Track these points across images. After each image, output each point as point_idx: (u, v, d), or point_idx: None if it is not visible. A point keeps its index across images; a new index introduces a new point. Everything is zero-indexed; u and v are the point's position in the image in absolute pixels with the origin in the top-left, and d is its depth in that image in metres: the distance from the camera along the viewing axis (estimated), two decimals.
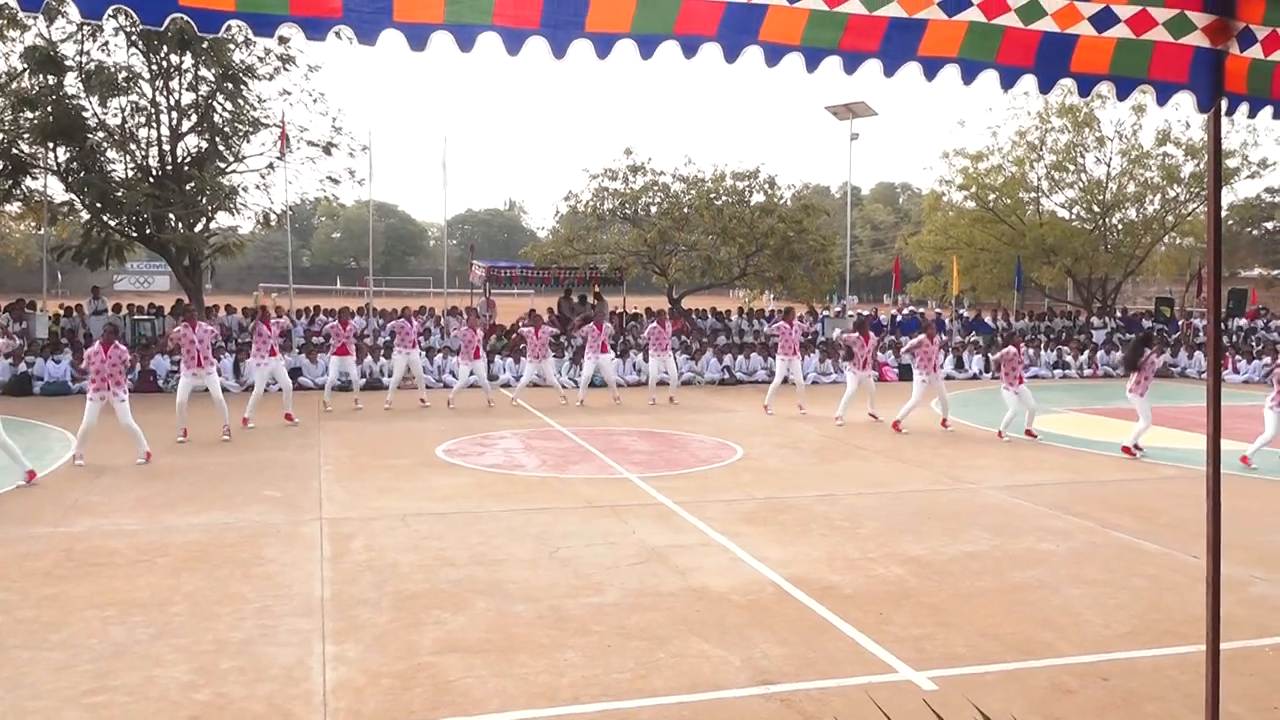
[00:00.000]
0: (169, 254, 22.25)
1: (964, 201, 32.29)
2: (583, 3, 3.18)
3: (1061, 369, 24.48)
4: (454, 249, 63.35)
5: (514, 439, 13.53)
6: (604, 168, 27.04)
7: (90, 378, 11.31)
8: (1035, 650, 5.72)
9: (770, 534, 8.33)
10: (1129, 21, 3.51)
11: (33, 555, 7.46)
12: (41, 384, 18.19)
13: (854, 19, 3.34)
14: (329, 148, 23.71)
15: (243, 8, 2.94)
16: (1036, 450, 13.12)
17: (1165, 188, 30.50)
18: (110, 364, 11.23)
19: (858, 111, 27.35)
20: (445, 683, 5.16)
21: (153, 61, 21.42)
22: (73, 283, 45.57)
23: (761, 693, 5.10)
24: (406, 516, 8.85)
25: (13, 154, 21.32)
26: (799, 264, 26.45)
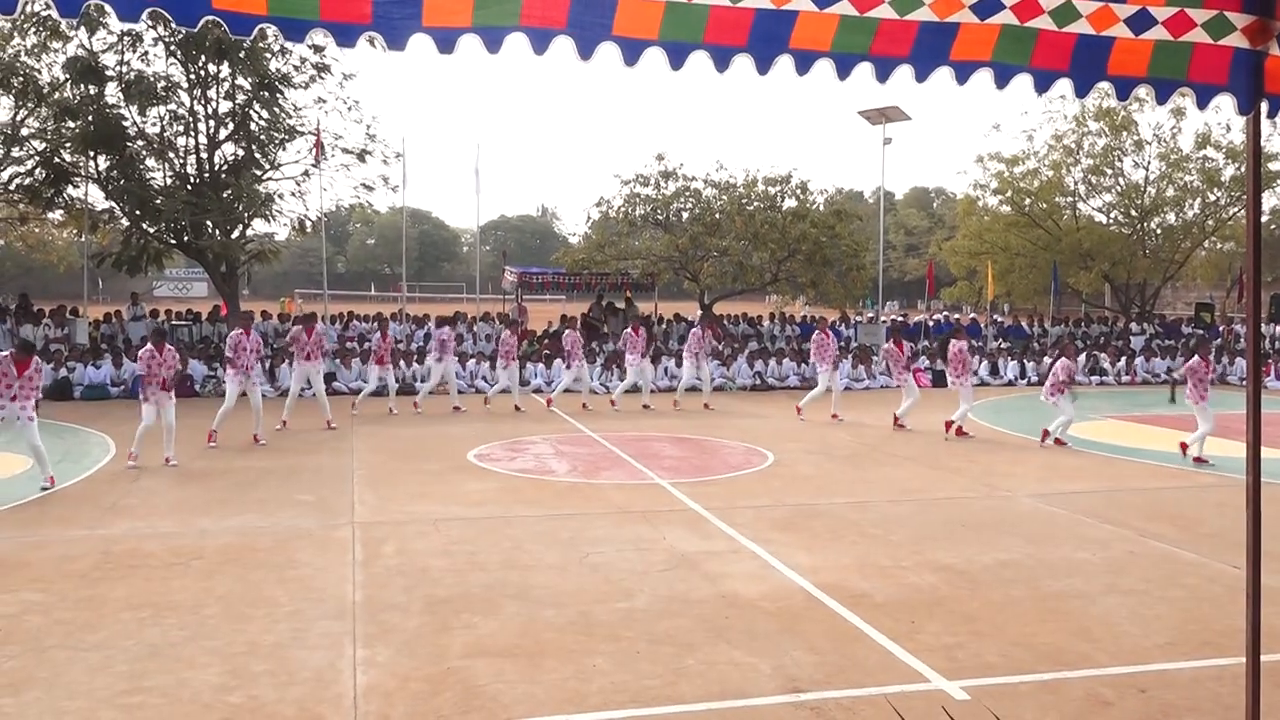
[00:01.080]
0: (206, 260, 22.56)
1: (999, 206, 31.98)
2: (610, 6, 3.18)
3: (1099, 375, 24.16)
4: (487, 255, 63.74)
5: (545, 444, 13.56)
6: (636, 173, 27.09)
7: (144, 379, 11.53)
8: (1071, 661, 5.63)
9: (801, 541, 8.28)
10: (1167, 23, 3.45)
11: (71, 557, 7.57)
12: (81, 388, 18.48)
13: (885, 24, 3.31)
14: (363, 155, 23.95)
15: (274, 11, 2.98)
16: (1073, 458, 12.95)
17: (1205, 192, 30.04)
18: (165, 365, 11.46)
19: (891, 116, 27.17)
20: (474, 687, 5.17)
21: (191, 71, 21.76)
22: (113, 289, 46.36)
23: (791, 700, 5.06)
24: (438, 521, 8.88)
25: (55, 163, 21.75)
26: (831, 269, 26.32)
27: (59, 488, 10.18)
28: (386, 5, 3.06)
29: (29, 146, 22.06)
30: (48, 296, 30.06)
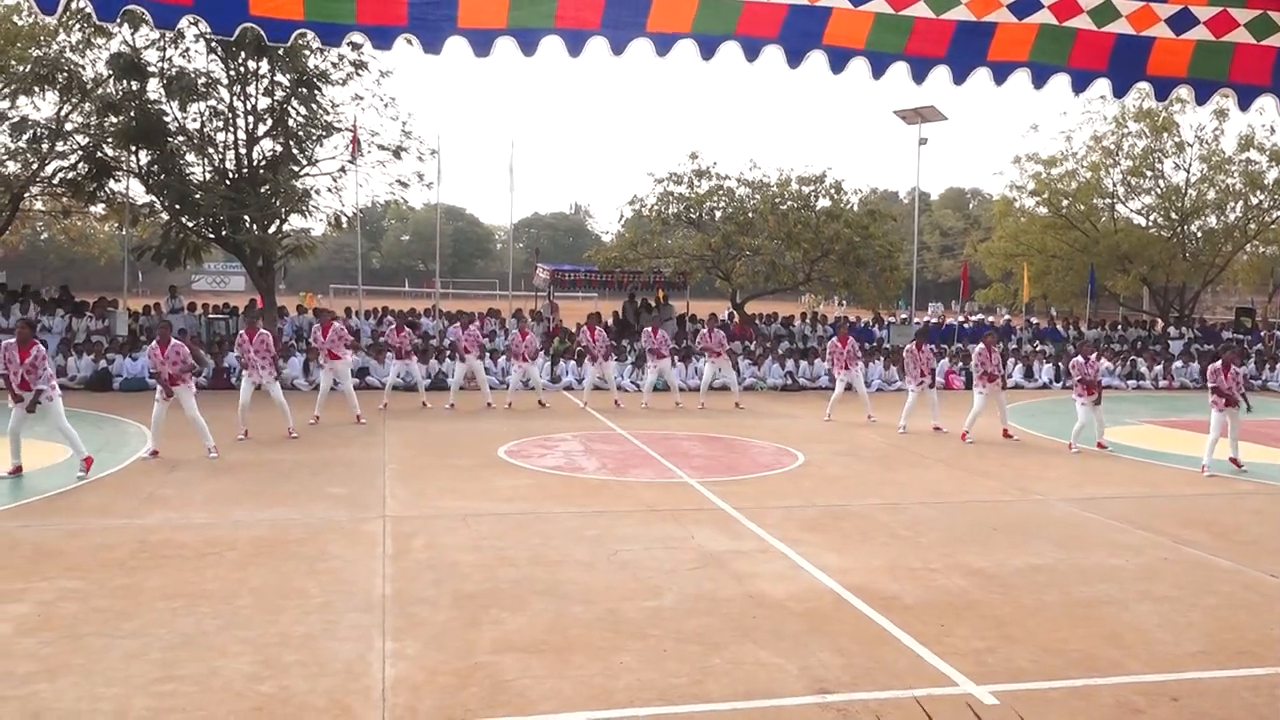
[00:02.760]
0: (244, 255, 22.81)
1: (1036, 207, 31.62)
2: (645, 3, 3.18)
3: (1136, 380, 23.85)
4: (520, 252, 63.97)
5: (575, 441, 13.59)
6: (669, 172, 27.07)
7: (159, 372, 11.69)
8: (1102, 667, 5.57)
9: (830, 542, 8.24)
10: (1209, 23, 3.40)
11: (108, 546, 7.70)
12: (120, 380, 18.77)
13: (920, 22, 3.28)
14: (399, 152, 24.09)
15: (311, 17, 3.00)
16: (1107, 462, 12.79)
17: (1248, 194, 29.53)
18: (169, 362, 11.55)
19: (927, 116, 26.98)
20: (502, 682, 5.20)
21: (231, 67, 22.00)
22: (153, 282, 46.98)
23: (818, 702, 5.05)
24: (467, 516, 8.94)
25: (97, 157, 22.08)
26: (865, 270, 26.16)
27: (97, 476, 10.36)
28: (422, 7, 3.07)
29: (72, 141, 22.42)
30: (89, 289, 30.55)
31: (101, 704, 4.84)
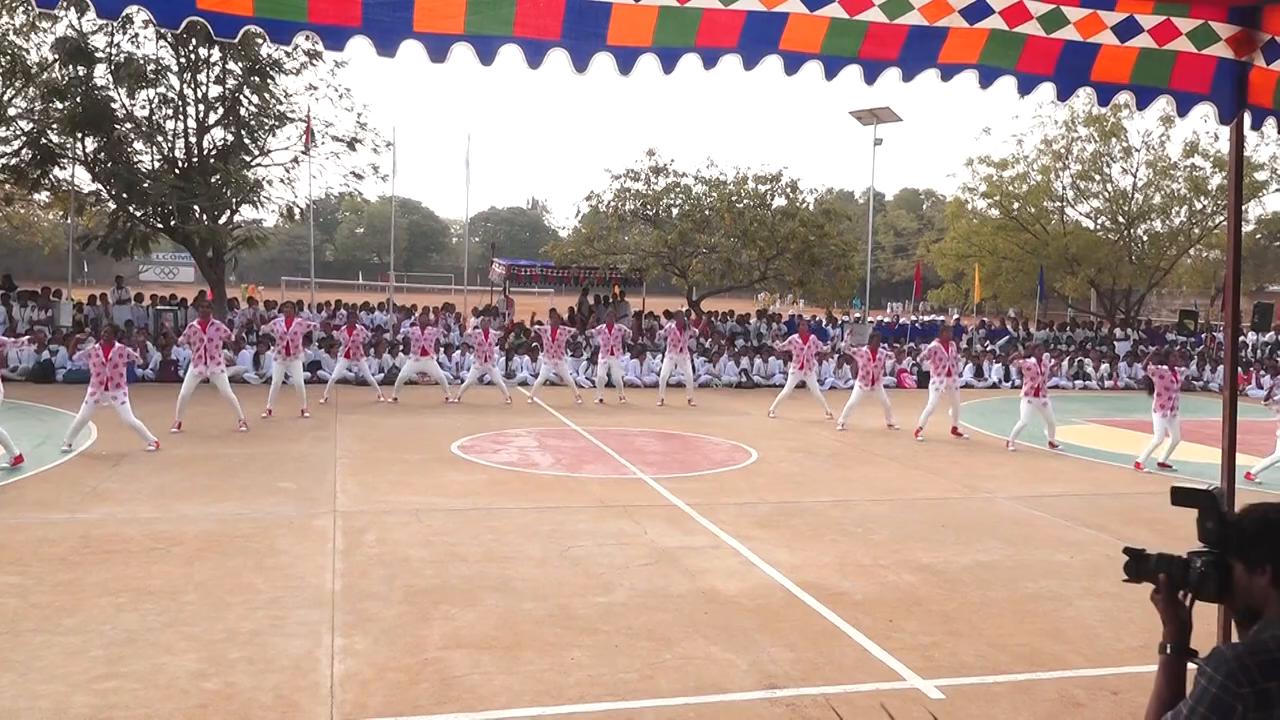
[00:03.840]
0: (193, 245, 22.44)
1: (987, 209, 32.09)
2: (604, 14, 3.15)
3: (1082, 379, 24.30)
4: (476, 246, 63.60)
5: (529, 437, 13.56)
6: (626, 168, 27.12)
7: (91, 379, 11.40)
8: (1045, 662, 5.68)
9: (782, 538, 8.31)
10: (1152, 31, 3.48)
11: (49, 541, 7.54)
12: (64, 372, 18.36)
13: (874, 27, 3.31)
14: (353, 143, 23.85)
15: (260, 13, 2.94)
16: (1054, 461, 13.03)
17: (1192, 200, 30.20)
18: (111, 365, 11.33)
19: (882, 117, 27.24)
20: (452, 678, 5.18)
21: (181, 54, 21.62)
22: (99, 272, 46.05)
23: (767, 697, 5.09)
24: (419, 511, 8.88)
25: (42, 143, 21.58)
26: (820, 269, 26.38)
27: (39, 470, 10.13)
28: (377, 8, 3.01)
29: (16, 127, 21.89)
30: (32, 278, 29.85)
31: (40, 701, 4.74)
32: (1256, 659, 1.99)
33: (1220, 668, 1.99)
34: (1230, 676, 1.97)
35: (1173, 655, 2.25)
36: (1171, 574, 2.26)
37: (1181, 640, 2.26)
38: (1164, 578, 2.27)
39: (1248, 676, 1.97)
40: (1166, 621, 2.27)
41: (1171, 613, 2.27)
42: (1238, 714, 1.96)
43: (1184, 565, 2.24)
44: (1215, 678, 1.99)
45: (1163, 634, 2.27)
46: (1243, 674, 1.97)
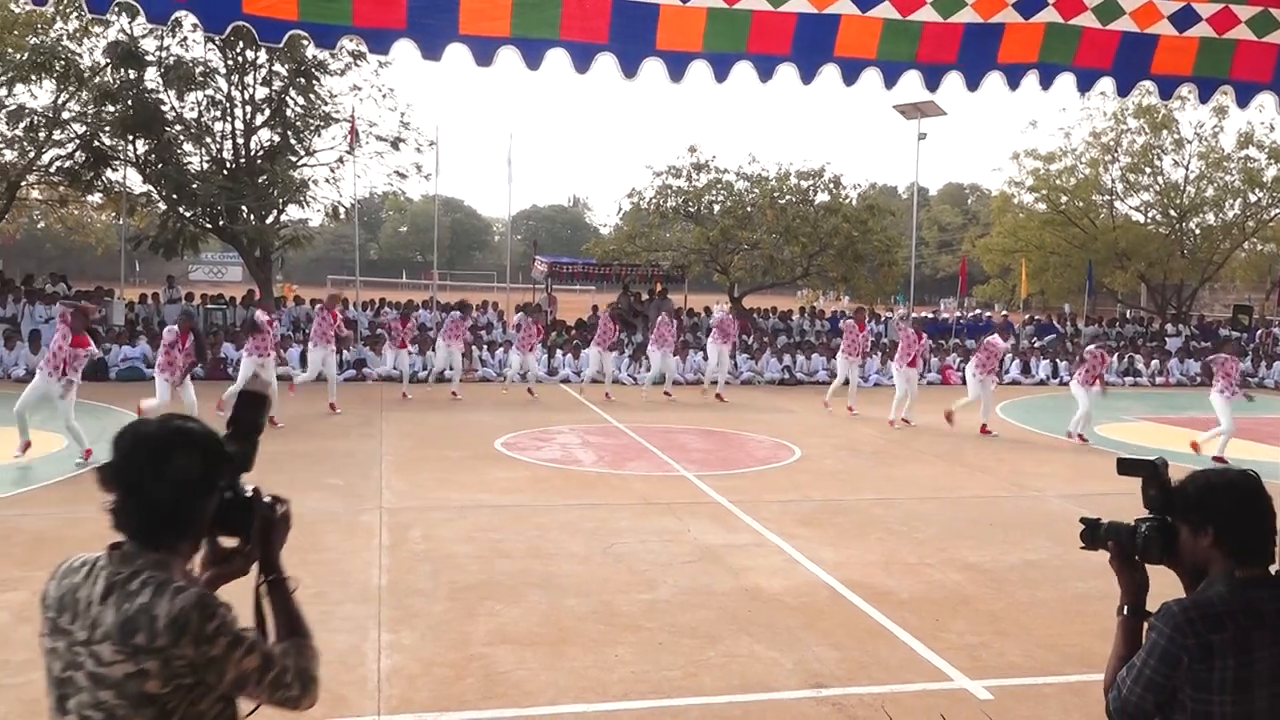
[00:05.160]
0: (241, 245, 22.77)
1: (1034, 204, 31.62)
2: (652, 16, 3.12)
3: (1133, 376, 23.87)
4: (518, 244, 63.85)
5: (572, 434, 13.59)
6: (668, 165, 27.03)
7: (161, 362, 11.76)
8: (1096, 663, 5.54)
9: (826, 536, 8.25)
10: (1211, 20, 3.39)
11: (106, 536, 7.65)
12: (117, 369, 18.73)
13: (929, 27, 3.24)
14: (397, 143, 24.04)
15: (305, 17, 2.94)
16: (1104, 458, 12.80)
17: (1246, 192, 29.54)
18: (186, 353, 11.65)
19: (926, 111, 26.89)
20: (497, 674, 5.20)
21: (229, 57, 21.93)
22: (150, 272, 46.83)
23: (812, 696, 5.06)
24: (464, 508, 8.94)
25: (95, 146, 22.00)
26: (863, 265, 26.15)
27: (96, 465, 10.33)
28: (422, 10, 2.99)
29: (69, 130, 22.34)
30: (85, 278, 30.46)
31: None
32: (1201, 613, 2.15)
33: (1168, 622, 2.15)
34: (1177, 629, 2.13)
35: (1129, 616, 2.36)
36: (1120, 540, 2.38)
37: (1137, 601, 2.35)
38: (1114, 544, 2.40)
39: (1193, 629, 2.13)
40: (1122, 585, 2.37)
41: (1126, 577, 2.37)
42: (1183, 665, 2.12)
43: (1131, 532, 2.38)
44: (1164, 631, 2.15)
45: (1120, 596, 2.38)
46: (1188, 627, 2.13)
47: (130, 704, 1.88)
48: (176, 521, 2.00)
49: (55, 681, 1.96)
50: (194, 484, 1.99)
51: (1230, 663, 2.12)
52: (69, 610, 1.95)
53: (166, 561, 1.98)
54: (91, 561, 2.01)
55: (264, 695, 2.00)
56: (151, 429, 2.01)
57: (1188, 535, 2.29)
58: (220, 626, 1.92)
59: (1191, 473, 2.37)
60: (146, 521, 1.97)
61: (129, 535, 1.99)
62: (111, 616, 1.89)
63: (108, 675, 1.88)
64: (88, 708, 1.90)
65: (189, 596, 1.90)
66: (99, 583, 1.94)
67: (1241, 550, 2.22)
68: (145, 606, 1.88)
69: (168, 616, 1.86)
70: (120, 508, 1.98)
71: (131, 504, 1.97)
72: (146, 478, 1.96)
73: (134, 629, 1.87)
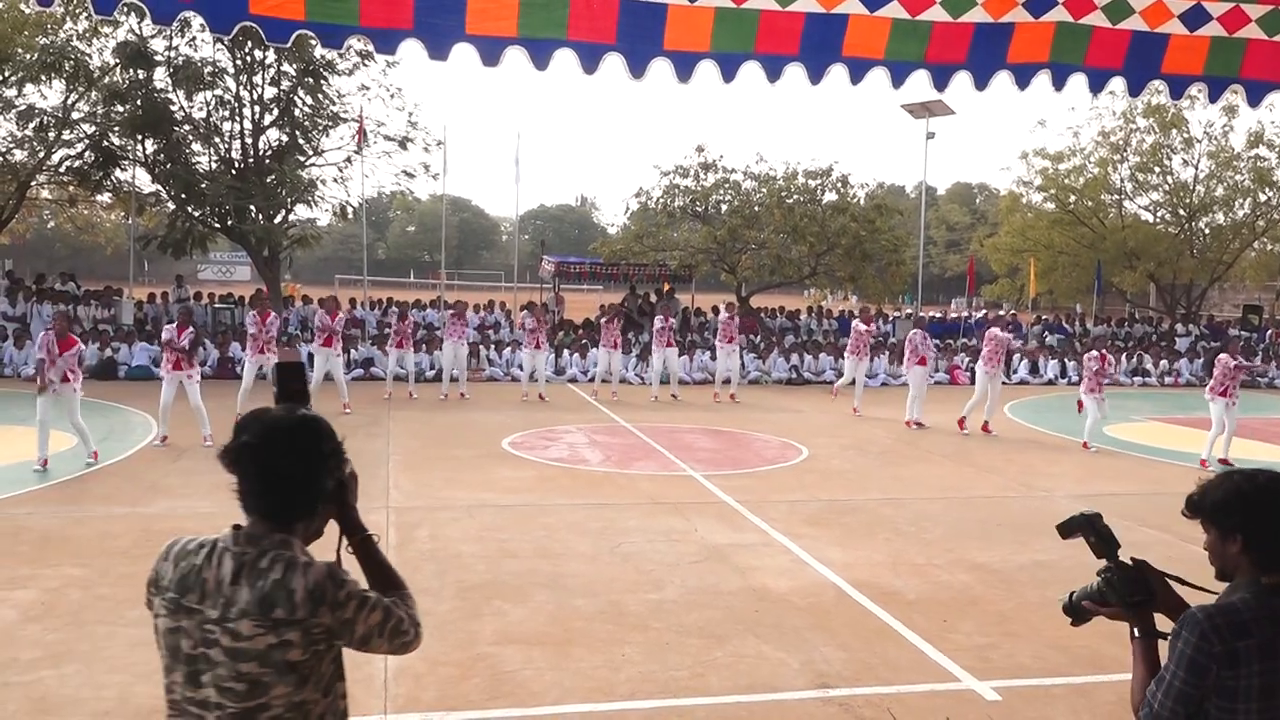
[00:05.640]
0: (249, 244, 22.83)
1: (1043, 203, 31.52)
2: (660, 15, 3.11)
3: (1142, 376, 23.79)
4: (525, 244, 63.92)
5: (579, 434, 13.59)
6: (675, 165, 27.01)
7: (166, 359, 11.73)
8: (1105, 665, 5.56)
9: (833, 536, 8.24)
10: (1221, 19, 3.37)
11: (112, 535, 7.71)
12: (126, 368, 18.79)
13: (938, 27, 3.23)
14: (405, 142, 24.10)
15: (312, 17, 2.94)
16: (1113, 459, 12.77)
17: (1256, 191, 29.41)
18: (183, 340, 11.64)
19: (934, 110, 26.84)
20: (504, 673, 5.20)
21: (237, 57, 21.99)
22: (159, 271, 46.99)
23: (819, 696, 5.05)
24: (471, 508, 8.94)
25: (104, 146, 22.08)
26: (871, 264, 26.09)
27: (103, 464, 10.38)
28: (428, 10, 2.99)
29: (79, 130, 22.42)
30: (95, 277, 30.56)
31: (105, 691, 4.85)
32: (1226, 619, 2.10)
33: (1194, 630, 2.10)
34: (1203, 638, 2.09)
35: (1141, 638, 2.35)
36: (1095, 600, 2.42)
37: (1145, 624, 2.36)
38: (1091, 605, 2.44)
39: (1219, 636, 2.08)
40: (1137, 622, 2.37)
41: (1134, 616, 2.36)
42: (1212, 674, 2.08)
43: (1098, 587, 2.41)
44: (1190, 640, 2.10)
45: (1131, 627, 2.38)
46: (1214, 634, 2.09)
47: (275, 672, 2.02)
48: (303, 501, 2.14)
49: (186, 658, 2.07)
50: (319, 466, 2.14)
51: (1256, 669, 2.08)
52: (194, 590, 2.07)
53: (289, 540, 2.11)
54: (209, 544, 2.13)
55: (384, 644, 2.17)
56: (281, 415, 2.15)
57: (1215, 540, 2.26)
58: (350, 591, 2.09)
59: (1221, 474, 2.32)
60: (277, 501, 2.11)
61: (258, 515, 2.11)
62: (247, 594, 2.02)
63: (248, 649, 2.01)
64: (228, 680, 2.02)
65: (320, 569, 2.08)
66: (225, 563, 2.07)
67: (1271, 557, 2.18)
68: (280, 582, 2.03)
69: (304, 590, 2.03)
70: (251, 489, 2.12)
71: (262, 485, 2.11)
72: (281, 460, 2.10)
73: (272, 604, 2.01)
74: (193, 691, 2.06)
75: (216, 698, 2.03)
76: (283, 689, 2.04)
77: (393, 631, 2.16)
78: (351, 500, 2.26)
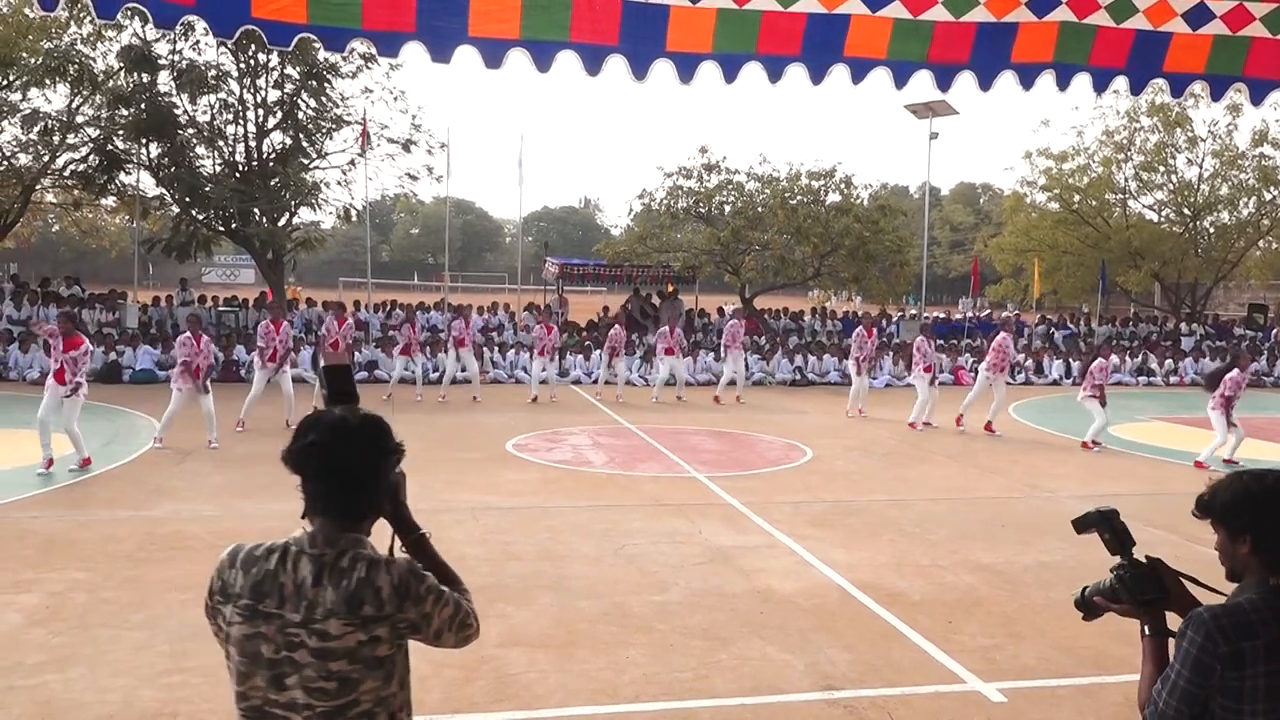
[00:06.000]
0: (253, 247, 22.84)
1: (1047, 203, 31.48)
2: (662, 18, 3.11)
3: (1146, 376, 23.74)
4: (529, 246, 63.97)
5: (583, 435, 13.59)
6: (679, 166, 27.03)
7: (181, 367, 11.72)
8: (1110, 665, 5.55)
9: (838, 537, 8.22)
10: (1225, 17, 3.36)
11: (116, 538, 7.72)
12: (130, 372, 18.82)
13: (940, 27, 3.22)
14: (408, 145, 24.11)
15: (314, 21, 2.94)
16: (1117, 459, 12.74)
17: (1261, 190, 29.35)
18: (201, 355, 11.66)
19: (938, 110, 26.80)
20: (508, 676, 5.20)
21: (241, 60, 22.02)
22: (163, 275, 47.11)
23: (824, 698, 5.03)
24: (475, 510, 8.94)
25: (108, 149, 22.10)
26: (875, 265, 26.07)
27: (106, 468, 10.39)
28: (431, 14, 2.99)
29: (83, 133, 22.46)
30: (99, 281, 30.61)
31: (109, 695, 4.85)
32: (1232, 619, 2.11)
33: (1199, 630, 2.11)
34: (1209, 638, 2.09)
35: (1152, 636, 2.35)
36: (1107, 596, 2.41)
37: (1156, 623, 2.35)
38: (1102, 601, 2.42)
39: (1224, 637, 2.09)
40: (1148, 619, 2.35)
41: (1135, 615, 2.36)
42: (1216, 674, 2.09)
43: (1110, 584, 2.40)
44: (1196, 639, 2.11)
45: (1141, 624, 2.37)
46: (1219, 634, 2.09)
47: (364, 668, 2.07)
48: (372, 500, 2.18)
49: (268, 663, 2.08)
50: (386, 466, 2.18)
51: (1261, 670, 2.08)
52: (272, 595, 2.09)
53: (361, 539, 2.16)
54: (279, 548, 2.14)
55: (452, 638, 2.24)
56: (346, 415, 2.18)
57: (1224, 540, 2.26)
58: (429, 586, 2.16)
59: (1231, 474, 2.32)
60: (348, 501, 2.14)
61: (329, 516, 2.14)
62: (332, 595, 2.06)
63: (338, 647, 2.05)
64: (317, 680, 2.06)
65: (402, 564, 2.14)
66: (303, 567, 2.09)
67: (1277, 557, 2.17)
68: (365, 580, 2.07)
69: (390, 585, 2.09)
70: (319, 490, 2.14)
71: (333, 485, 2.13)
72: (352, 460, 2.13)
73: (360, 601, 2.06)
74: (277, 694, 2.08)
75: (305, 699, 2.06)
76: (371, 684, 2.08)
77: (460, 624, 2.24)
78: (403, 498, 2.28)
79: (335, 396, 2.26)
